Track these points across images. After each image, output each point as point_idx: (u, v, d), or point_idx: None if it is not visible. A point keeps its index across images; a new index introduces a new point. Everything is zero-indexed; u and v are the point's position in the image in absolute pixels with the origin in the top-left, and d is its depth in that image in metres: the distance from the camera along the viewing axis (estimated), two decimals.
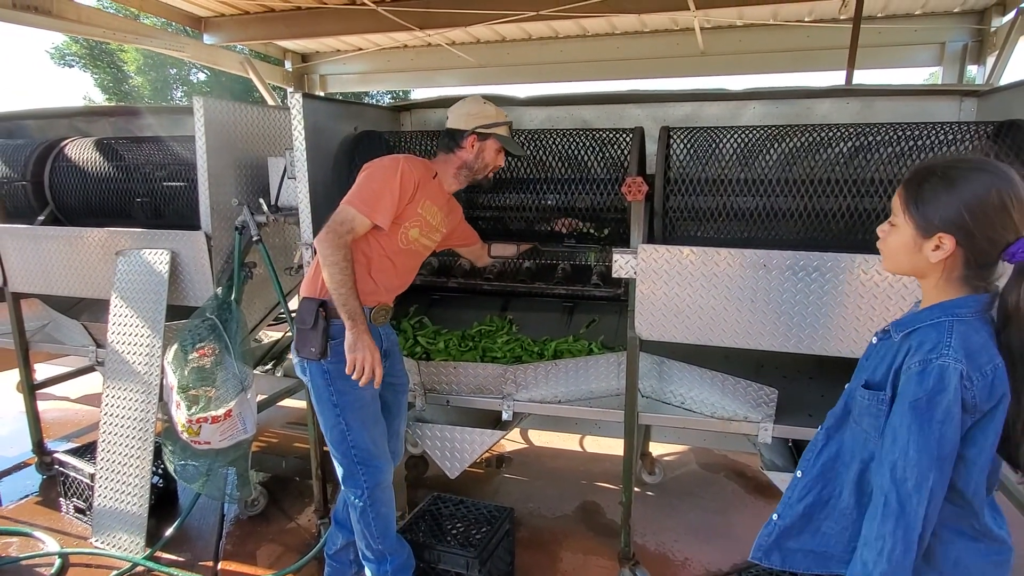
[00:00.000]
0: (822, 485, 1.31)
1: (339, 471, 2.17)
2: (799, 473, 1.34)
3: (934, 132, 2.18)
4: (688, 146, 2.38)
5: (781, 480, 2.27)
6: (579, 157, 2.57)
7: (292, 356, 2.17)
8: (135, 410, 2.76)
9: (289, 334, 4.11)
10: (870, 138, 2.22)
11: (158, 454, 2.78)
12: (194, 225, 2.71)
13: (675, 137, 2.40)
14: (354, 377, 2.00)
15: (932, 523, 1.08)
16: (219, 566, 2.70)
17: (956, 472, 1.09)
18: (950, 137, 2.16)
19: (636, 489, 3.05)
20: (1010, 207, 1.08)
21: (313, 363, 2.08)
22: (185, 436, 2.42)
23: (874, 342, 1.28)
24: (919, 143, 2.17)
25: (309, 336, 2.05)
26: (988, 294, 1.14)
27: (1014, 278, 1.11)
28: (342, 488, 2.19)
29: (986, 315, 1.14)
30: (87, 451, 3.11)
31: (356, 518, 2.17)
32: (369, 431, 2.14)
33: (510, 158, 2.58)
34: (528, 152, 2.59)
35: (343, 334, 2.04)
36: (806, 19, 5.49)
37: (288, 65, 7.11)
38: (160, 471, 3.02)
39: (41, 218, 3.23)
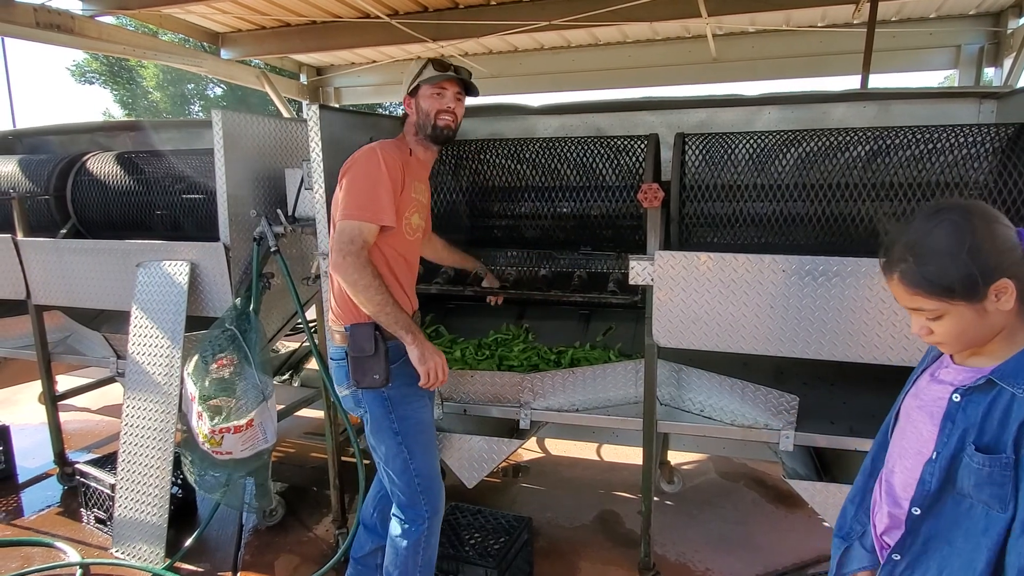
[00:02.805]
0: (923, 568, 1.17)
1: (398, 500, 2.10)
2: (896, 556, 1.19)
3: (954, 135, 2.15)
4: (703, 152, 2.37)
5: (803, 489, 2.23)
6: (594, 165, 2.57)
7: (342, 390, 2.07)
8: (155, 421, 2.78)
9: (306, 344, 4.14)
10: (888, 141, 2.20)
11: (177, 464, 2.80)
12: (213, 236, 2.74)
13: (690, 143, 2.40)
14: (431, 386, 1.94)
15: None
16: None
17: None
18: (970, 140, 2.13)
19: (655, 498, 3.01)
20: (999, 217, 1.06)
21: (370, 392, 1.98)
22: (206, 447, 2.43)
23: (956, 399, 1.12)
24: (939, 145, 2.15)
25: (370, 364, 1.93)
26: None
27: None
28: (400, 515, 2.11)
29: None
30: (108, 462, 3.14)
31: (405, 546, 2.07)
32: (431, 456, 2.08)
33: (516, 162, 2.57)
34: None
35: (400, 356, 1.97)
36: (819, 24, 5.46)
37: (303, 78, 7.21)
38: (179, 481, 3.04)
39: (63, 231, 3.29)
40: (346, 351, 1.99)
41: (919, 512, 1.16)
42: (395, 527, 2.12)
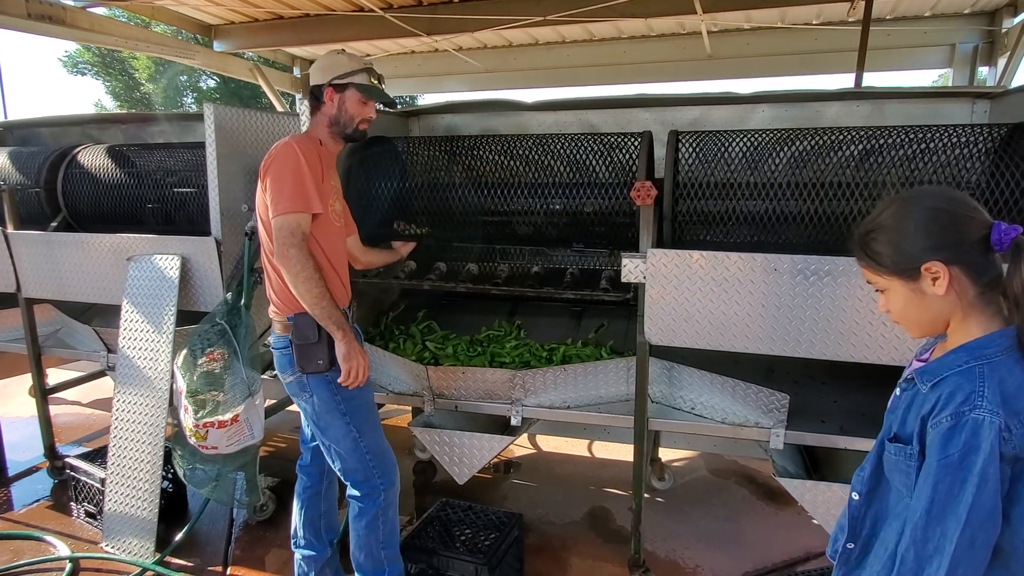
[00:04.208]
0: (874, 550, 1.21)
1: (353, 479, 2.16)
2: (851, 545, 1.24)
3: (947, 135, 2.16)
4: (697, 150, 2.37)
5: (793, 487, 2.24)
6: (587, 162, 2.56)
7: (286, 377, 2.14)
8: (146, 415, 2.77)
9: None
10: (881, 141, 2.20)
11: (168, 459, 2.79)
12: (204, 231, 2.72)
13: (684, 141, 2.39)
14: (350, 384, 2.03)
15: None
16: (228, 571, 2.71)
17: (1000, 531, 0.99)
18: (963, 140, 2.14)
19: (645, 495, 3.02)
20: (957, 204, 1.07)
21: (315, 377, 2.07)
22: (193, 440, 2.42)
23: (897, 393, 1.18)
24: (931, 145, 2.15)
25: (314, 351, 2.03)
26: (1014, 326, 1.04)
27: (1012, 263, 1.02)
28: (355, 493, 2.16)
29: (1018, 351, 1.03)
30: (98, 455, 3.13)
31: (363, 525, 2.16)
32: (378, 434, 2.16)
33: (509, 158, 2.57)
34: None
35: None
36: (814, 22, 5.46)
37: (296, 71, 7.16)
38: (170, 476, 3.03)
39: (54, 224, 3.26)
40: (289, 340, 2.08)
41: (857, 497, 1.22)
42: (352, 508, 2.18)
